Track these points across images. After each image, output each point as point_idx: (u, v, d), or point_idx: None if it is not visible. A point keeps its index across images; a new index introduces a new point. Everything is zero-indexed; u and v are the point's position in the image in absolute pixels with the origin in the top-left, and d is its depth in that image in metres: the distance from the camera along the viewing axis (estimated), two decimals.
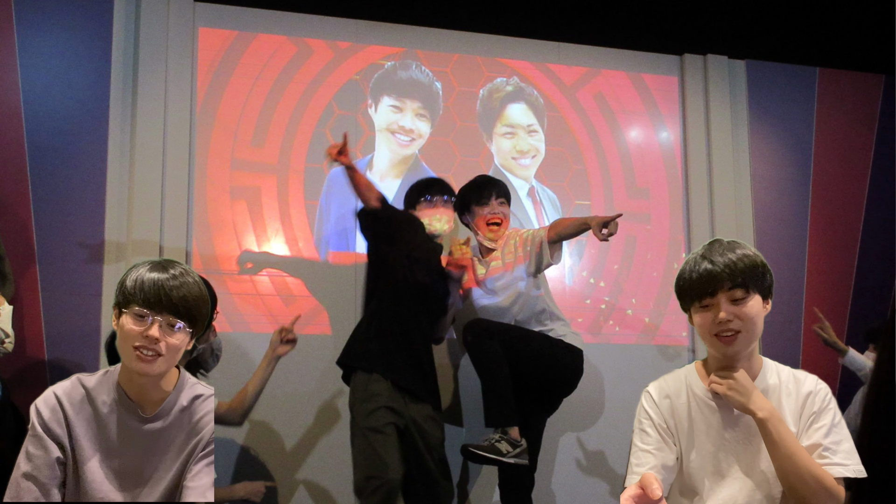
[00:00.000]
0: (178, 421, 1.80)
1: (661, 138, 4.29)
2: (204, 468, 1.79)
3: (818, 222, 4.44)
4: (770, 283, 1.82)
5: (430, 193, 3.33)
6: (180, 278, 1.73)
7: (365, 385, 2.98)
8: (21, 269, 3.25)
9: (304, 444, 3.50)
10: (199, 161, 3.61)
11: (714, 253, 1.79)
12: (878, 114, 4.63)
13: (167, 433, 1.79)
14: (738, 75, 4.43)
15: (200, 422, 1.82)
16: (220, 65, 3.70)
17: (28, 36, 3.44)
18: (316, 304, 3.62)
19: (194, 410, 1.82)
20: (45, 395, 1.78)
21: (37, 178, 3.37)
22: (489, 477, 3.55)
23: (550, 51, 4.19)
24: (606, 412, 3.83)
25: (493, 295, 3.28)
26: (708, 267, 1.77)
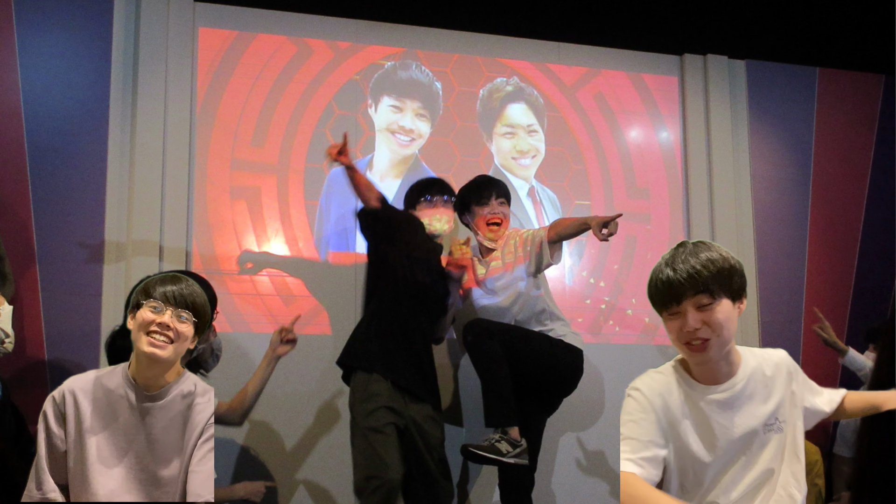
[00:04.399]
0: (177, 401, 2.04)
1: (661, 138, 4.29)
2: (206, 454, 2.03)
3: (818, 222, 4.44)
4: (740, 283, 1.76)
5: (430, 193, 3.32)
6: (190, 287, 2.04)
7: (365, 385, 2.97)
8: (21, 269, 3.25)
9: (304, 444, 3.50)
10: (199, 161, 3.61)
11: (677, 260, 1.73)
12: (878, 114, 4.63)
13: (167, 409, 2.02)
14: (738, 75, 4.43)
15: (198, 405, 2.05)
16: (220, 65, 3.70)
17: (28, 36, 3.44)
18: (316, 304, 3.62)
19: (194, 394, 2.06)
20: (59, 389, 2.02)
21: (37, 178, 3.37)
22: (489, 477, 3.55)
23: (550, 51, 4.19)
24: (606, 412, 3.83)
25: (493, 295, 3.28)
26: (670, 275, 1.71)
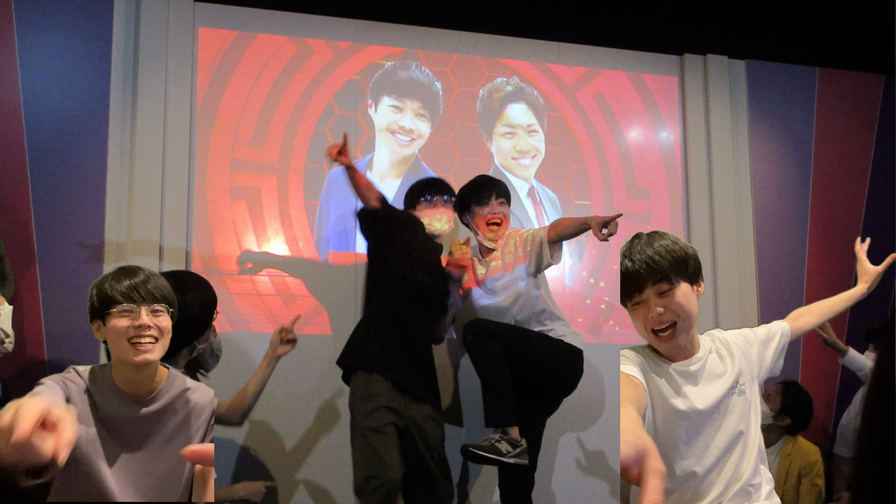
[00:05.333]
0: (172, 406, 1.92)
1: (661, 138, 4.29)
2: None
3: (818, 222, 4.44)
4: (695, 267, 1.86)
5: (430, 193, 3.32)
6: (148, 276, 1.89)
7: (365, 385, 2.98)
8: (21, 269, 3.25)
9: (304, 444, 3.49)
10: (199, 161, 3.61)
11: (634, 251, 1.83)
12: (878, 114, 4.63)
13: (162, 415, 1.91)
14: (738, 75, 4.43)
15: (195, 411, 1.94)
16: (220, 65, 3.70)
17: (28, 36, 3.44)
18: (316, 304, 3.62)
19: (187, 399, 1.95)
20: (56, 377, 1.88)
21: (37, 178, 3.37)
22: (489, 477, 3.55)
23: (550, 51, 4.19)
24: (606, 412, 3.83)
25: (493, 295, 3.28)
26: (629, 265, 1.82)
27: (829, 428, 4.21)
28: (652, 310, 1.80)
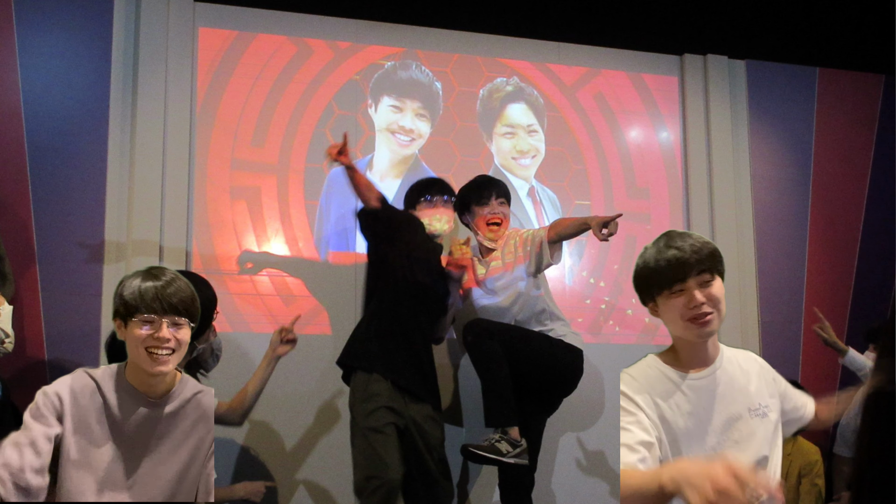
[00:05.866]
0: (183, 408, 1.96)
1: (661, 138, 4.29)
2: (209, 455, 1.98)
3: (818, 222, 4.44)
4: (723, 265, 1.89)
5: (430, 193, 3.32)
6: (173, 283, 1.90)
7: (365, 385, 2.97)
8: (21, 269, 3.25)
9: (304, 444, 3.49)
10: (199, 161, 3.61)
11: (676, 241, 1.84)
12: (878, 114, 4.63)
13: (174, 417, 1.95)
14: (738, 75, 4.43)
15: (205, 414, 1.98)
16: (220, 65, 3.70)
17: (28, 36, 3.44)
18: (316, 304, 3.62)
19: (198, 401, 1.99)
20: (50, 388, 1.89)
21: (37, 178, 3.37)
22: (489, 477, 3.55)
23: (550, 51, 4.19)
24: (606, 412, 3.83)
25: (493, 295, 3.28)
26: (676, 254, 1.81)
27: (828, 428, 4.21)
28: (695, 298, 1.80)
